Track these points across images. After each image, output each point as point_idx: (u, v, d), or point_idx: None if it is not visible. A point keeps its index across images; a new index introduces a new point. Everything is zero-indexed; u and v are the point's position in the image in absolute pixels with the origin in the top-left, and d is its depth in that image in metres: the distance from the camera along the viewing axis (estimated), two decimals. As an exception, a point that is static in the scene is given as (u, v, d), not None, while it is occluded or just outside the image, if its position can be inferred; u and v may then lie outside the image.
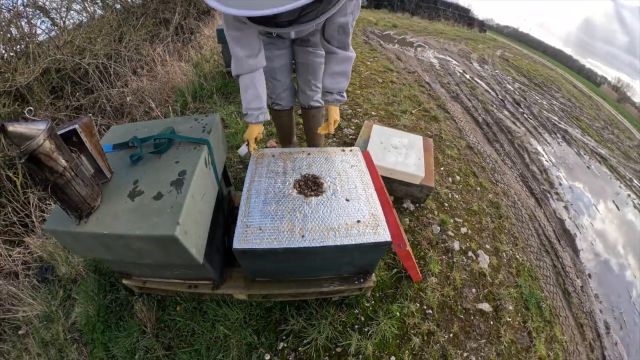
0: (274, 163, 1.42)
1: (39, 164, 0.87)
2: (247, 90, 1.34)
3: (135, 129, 1.43)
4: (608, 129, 7.01)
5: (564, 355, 1.81)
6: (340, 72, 1.41)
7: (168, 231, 0.96)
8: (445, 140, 3.19)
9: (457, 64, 6.34)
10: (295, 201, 1.24)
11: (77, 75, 3.51)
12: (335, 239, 1.10)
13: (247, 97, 1.36)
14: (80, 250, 1.19)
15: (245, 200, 1.23)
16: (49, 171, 0.90)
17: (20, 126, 0.80)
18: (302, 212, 1.19)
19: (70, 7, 3.98)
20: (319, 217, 1.18)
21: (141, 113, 3.22)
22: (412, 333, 1.58)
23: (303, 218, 1.17)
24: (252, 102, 1.36)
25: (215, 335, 1.51)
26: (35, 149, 0.83)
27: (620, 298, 2.71)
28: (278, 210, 1.20)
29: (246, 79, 1.32)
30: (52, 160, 0.88)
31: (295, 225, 1.14)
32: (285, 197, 1.25)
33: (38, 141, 0.83)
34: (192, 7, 5.81)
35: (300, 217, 1.17)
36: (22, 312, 1.70)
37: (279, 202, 1.22)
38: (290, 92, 1.84)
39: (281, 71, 1.70)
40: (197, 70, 3.87)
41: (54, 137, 0.89)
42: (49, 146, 0.87)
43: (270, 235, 1.11)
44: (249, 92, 1.34)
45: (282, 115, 1.95)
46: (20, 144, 0.81)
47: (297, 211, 1.20)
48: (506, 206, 2.67)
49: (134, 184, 1.13)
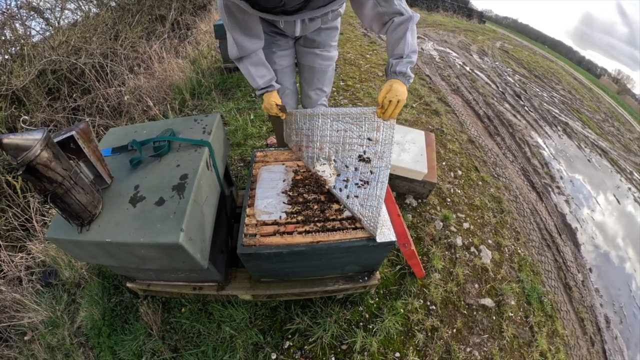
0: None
1: (37, 175, 0.85)
2: (256, 66, 1.29)
3: (134, 130, 1.41)
4: (608, 121, 7.00)
5: (565, 349, 1.82)
6: (400, 37, 1.13)
7: (172, 239, 0.95)
8: (446, 134, 3.18)
9: (456, 56, 6.30)
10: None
11: (74, 75, 3.48)
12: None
13: (256, 73, 1.30)
14: (84, 257, 1.18)
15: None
16: (48, 181, 0.88)
17: (15, 137, 0.78)
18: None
19: (65, 7, 3.93)
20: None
21: (139, 112, 3.20)
22: (416, 329, 1.59)
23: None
24: (262, 77, 1.31)
25: (221, 336, 1.51)
26: (32, 159, 0.81)
27: (620, 291, 2.73)
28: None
29: (250, 58, 1.28)
30: (50, 170, 0.87)
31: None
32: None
33: (35, 152, 0.81)
34: (188, 2, 5.75)
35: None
36: (28, 318, 1.70)
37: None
38: (292, 96, 1.69)
39: (284, 73, 1.57)
40: (194, 66, 3.83)
41: (50, 146, 0.87)
42: (46, 156, 0.84)
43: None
44: (258, 69, 1.30)
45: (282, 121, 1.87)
46: (16, 155, 0.79)
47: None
48: (508, 201, 2.67)
49: (135, 189, 1.12)
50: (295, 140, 1.43)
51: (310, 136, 1.33)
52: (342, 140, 1.27)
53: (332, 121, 1.27)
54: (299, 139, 1.40)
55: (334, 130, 1.28)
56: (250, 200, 1.22)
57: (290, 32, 1.38)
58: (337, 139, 1.28)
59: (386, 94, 1.12)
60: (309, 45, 1.52)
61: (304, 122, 1.35)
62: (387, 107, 1.13)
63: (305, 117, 1.33)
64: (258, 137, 2.69)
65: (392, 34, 1.16)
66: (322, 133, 1.30)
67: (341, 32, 5.68)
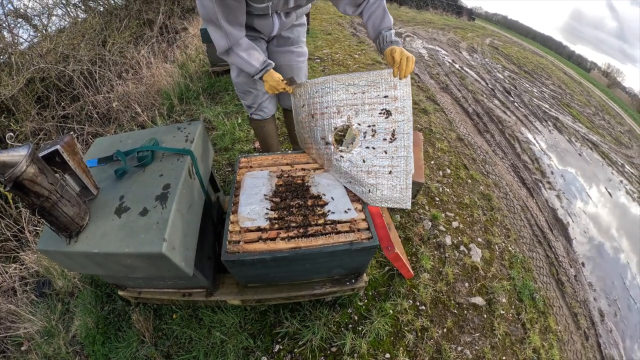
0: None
1: (24, 190, 0.87)
2: (248, 51, 1.31)
3: (119, 140, 1.42)
4: (599, 115, 7.07)
5: (558, 345, 1.84)
6: (382, 13, 1.29)
7: (155, 248, 0.97)
8: (435, 132, 3.20)
9: (446, 53, 6.33)
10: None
11: (62, 82, 3.47)
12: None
13: (250, 58, 1.31)
14: (74, 267, 1.20)
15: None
16: (35, 195, 0.90)
17: (1, 154, 0.80)
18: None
19: (52, 13, 3.91)
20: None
21: (128, 118, 3.20)
22: (405, 330, 1.60)
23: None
24: (257, 60, 1.33)
25: (212, 341, 1.53)
26: (18, 175, 0.83)
27: (615, 284, 2.76)
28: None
29: (240, 45, 1.30)
30: (36, 184, 0.88)
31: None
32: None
33: (21, 168, 0.83)
34: (176, 6, 5.73)
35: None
36: (23, 329, 1.71)
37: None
38: (271, 99, 1.75)
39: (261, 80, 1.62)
40: (182, 71, 3.83)
41: (36, 161, 0.89)
42: (32, 171, 0.86)
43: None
44: (251, 53, 1.31)
45: (264, 125, 1.84)
46: (3, 172, 0.81)
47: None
48: (498, 198, 2.70)
49: (120, 199, 1.13)
50: (305, 112, 1.39)
51: (324, 103, 1.31)
52: (362, 101, 1.27)
53: (348, 85, 1.27)
54: (310, 110, 1.37)
55: (351, 93, 1.28)
56: (234, 207, 1.24)
57: (268, 31, 1.44)
58: (355, 101, 1.28)
59: (396, 54, 1.19)
60: (283, 44, 1.59)
61: (316, 91, 1.33)
62: (403, 64, 1.18)
63: (317, 85, 1.32)
64: (246, 141, 2.70)
65: (370, 12, 1.30)
66: (338, 97, 1.29)
67: (329, 33, 5.73)
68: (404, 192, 1.29)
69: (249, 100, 1.69)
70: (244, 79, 1.57)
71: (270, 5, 1.26)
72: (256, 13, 1.31)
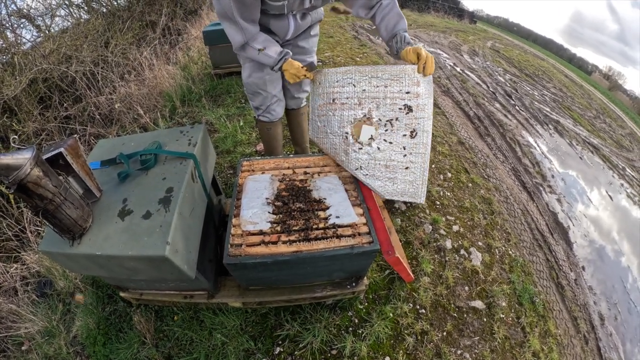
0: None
1: (28, 192, 0.88)
2: (264, 44, 1.32)
3: (122, 143, 1.43)
4: (600, 118, 7.07)
5: (558, 348, 1.84)
6: (396, 15, 1.30)
7: (158, 251, 0.98)
8: (436, 136, 3.21)
9: (447, 57, 6.35)
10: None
11: (65, 83, 3.48)
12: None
13: (269, 49, 1.32)
14: (76, 269, 1.21)
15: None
16: (39, 198, 0.91)
17: (5, 157, 0.81)
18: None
19: (55, 14, 3.93)
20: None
21: (130, 120, 3.21)
22: (405, 333, 1.61)
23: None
24: (275, 51, 1.33)
25: (213, 343, 1.54)
26: (22, 178, 0.84)
27: (615, 288, 2.75)
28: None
29: (256, 39, 1.31)
30: (40, 187, 0.89)
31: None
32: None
33: (25, 170, 0.84)
34: (178, 8, 5.75)
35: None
36: (24, 329, 1.72)
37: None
38: (280, 103, 1.77)
39: (272, 82, 1.62)
40: (185, 73, 3.85)
41: (40, 163, 0.90)
42: (36, 174, 0.87)
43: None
44: (267, 45, 1.32)
45: (271, 127, 1.87)
46: (7, 175, 0.82)
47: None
48: (498, 202, 2.70)
49: (123, 202, 1.14)
50: (324, 100, 1.38)
51: (344, 93, 1.31)
52: (384, 94, 1.27)
53: (371, 78, 1.27)
54: (328, 99, 1.35)
55: (373, 85, 1.27)
56: (236, 211, 1.25)
57: (283, 33, 1.44)
58: (377, 94, 1.27)
59: (422, 52, 1.20)
60: (298, 53, 1.61)
61: (337, 80, 1.32)
62: (429, 61, 1.20)
63: (338, 74, 1.31)
64: (247, 144, 2.71)
65: (383, 14, 1.31)
66: (360, 89, 1.29)
67: (331, 35, 5.75)
68: (420, 188, 1.31)
69: (258, 101, 1.71)
70: (256, 80, 1.58)
71: (286, 5, 1.26)
72: (272, 12, 1.32)
